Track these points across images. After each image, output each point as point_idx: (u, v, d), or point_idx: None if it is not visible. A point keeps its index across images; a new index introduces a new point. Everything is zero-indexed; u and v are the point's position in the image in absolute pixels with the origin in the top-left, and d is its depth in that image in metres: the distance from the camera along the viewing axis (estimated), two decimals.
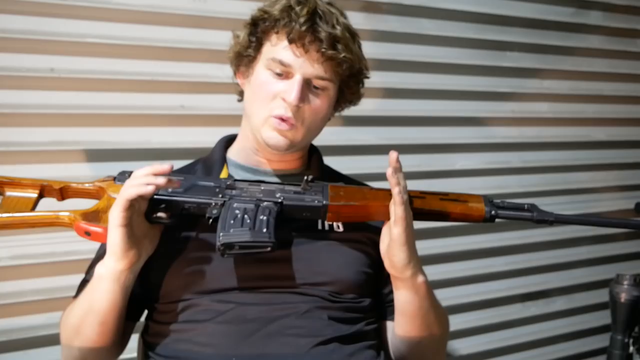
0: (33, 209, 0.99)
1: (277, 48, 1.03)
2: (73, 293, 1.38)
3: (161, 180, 0.93)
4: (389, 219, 0.98)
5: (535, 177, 2.15)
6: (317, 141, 1.20)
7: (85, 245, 1.44)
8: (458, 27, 1.94)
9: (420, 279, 1.00)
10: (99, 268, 0.95)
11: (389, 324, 1.11)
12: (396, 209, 0.94)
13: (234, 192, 1.00)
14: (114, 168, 1.49)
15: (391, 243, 0.96)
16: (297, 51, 1.01)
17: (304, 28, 1.00)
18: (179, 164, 1.22)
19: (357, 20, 1.11)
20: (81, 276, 1.10)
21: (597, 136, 2.28)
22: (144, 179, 0.93)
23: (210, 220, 0.96)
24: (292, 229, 1.03)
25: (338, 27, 1.03)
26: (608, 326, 1.31)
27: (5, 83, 1.40)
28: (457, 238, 2.00)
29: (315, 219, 1.02)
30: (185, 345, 0.98)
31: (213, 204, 0.98)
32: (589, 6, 2.17)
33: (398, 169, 0.96)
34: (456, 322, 2.00)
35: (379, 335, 1.11)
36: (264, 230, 0.94)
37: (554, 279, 2.21)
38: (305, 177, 1.01)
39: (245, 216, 0.95)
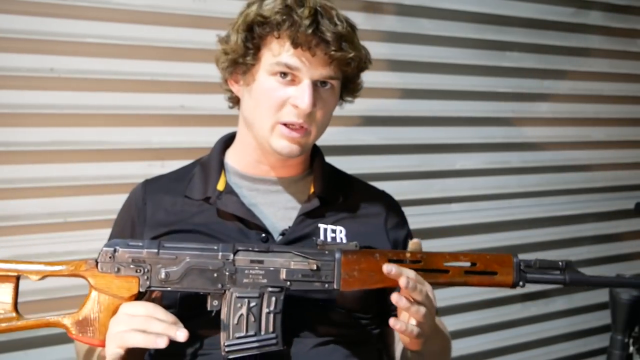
0: (15, 299, 0.91)
1: (281, 54, 0.97)
2: (73, 293, 1.38)
3: (171, 333, 0.86)
4: None
5: (535, 177, 2.15)
6: (318, 141, 1.19)
7: (86, 246, 1.45)
8: (458, 27, 1.94)
9: (433, 347, 0.98)
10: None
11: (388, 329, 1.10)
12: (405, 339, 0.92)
13: (235, 278, 0.91)
14: (114, 168, 1.50)
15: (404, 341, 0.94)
16: (304, 56, 0.96)
17: (309, 31, 0.94)
18: (178, 164, 1.22)
19: (357, 20, 1.10)
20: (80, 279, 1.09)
21: (597, 136, 2.28)
22: (154, 327, 0.86)
23: (212, 313, 0.91)
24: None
25: (339, 24, 0.98)
26: (608, 326, 1.31)
27: (5, 83, 1.39)
28: (457, 238, 2.00)
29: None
30: (187, 349, 0.98)
31: (212, 294, 0.91)
32: (589, 6, 2.17)
33: (414, 288, 0.87)
34: (456, 322, 2.00)
35: (382, 340, 1.10)
36: (271, 331, 0.90)
37: None
38: (315, 243, 0.93)
39: (250, 314, 0.90)
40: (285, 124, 0.99)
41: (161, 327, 0.85)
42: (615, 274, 1.38)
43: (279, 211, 1.07)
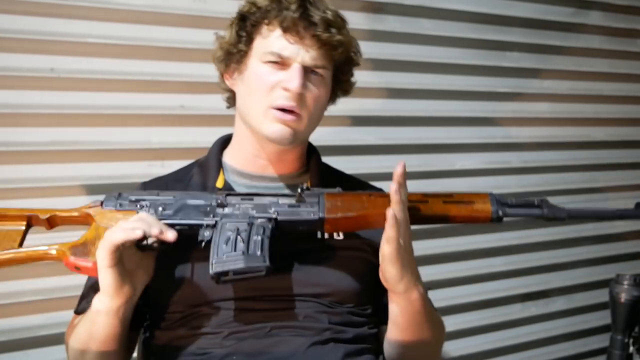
0: (22, 241, 0.96)
1: (271, 39, 1.01)
2: (73, 293, 1.38)
3: (155, 231, 0.89)
4: None
5: (535, 177, 2.15)
6: (317, 141, 1.20)
7: None
8: (458, 27, 1.94)
9: (415, 294, 0.96)
10: (96, 302, 0.93)
11: (384, 327, 1.11)
12: (388, 229, 0.90)
13: (225, 210, 0.96)
14: (114, 168, 1.50)
15: (383, 259, 0.93)
16: (292, 39, 1.00)
17: (297, 14, 0.99)
18: (178, 164, 1.22)
19: (357, 20, 1.11)
20: (81, 276, 1.10)
21: (597, 136, 2.28)
22: (135, 224, 0.89)
23: (203, 243, 0.94)
24: (291, 239, 1.00)
25: (328, 12, 1.02)
26: (608, 326, 1.31)
27: (5, 83, 1.40)
28: (457, 238, 2.00)
29: (312, 231, 0.99)
30: (187, 349, 0.98)
31: (205, 225, 0.95)
32: (589, 6, 2.17)
33: (402, 184, 0.93)
34: (456, 322, 2.00)
35: (378, 340, 1.10)
36: (258, 253, 0.92)
37: (554, 279, 2.20)
38: (300, 187, 0.97)
39: (239, 237, 0.93)
40: (278, 109, 1.01)
41: (146, 224, 0.89)
42: (615, 274, 1.37)
43: None
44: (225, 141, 1.16)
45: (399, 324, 1.01)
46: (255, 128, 1.04)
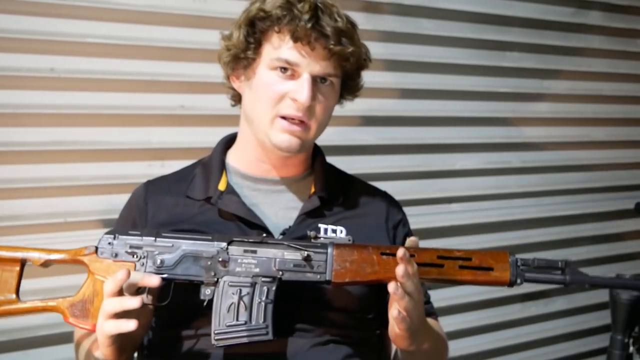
0: (18, 282, 0.94)
1: (282, 48, 0.98)
2: (73, 293, 1.38)
3: (138, 301, 0.85)
4: None
5: (535, 177, 2.15)
6: (318, 141, 1.20)
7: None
8: (458, 27, 1.94)
9: (424, 346, 0.98)
10: (98, 354, 0.93)
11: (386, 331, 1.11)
12: (398, 323, 0.89)
13: (228, 266, 0.92)
14: (114, 168, 1.50)
15: (394, 335, 0.94)
16: (303, 50, 0.97)
17: (309, 25, 0.96)
18: (178, 164, 1.22)
19: (357, 20, 1.10)
20: (79, 276, 1.10)
21: (597, 136, 2.28)
22: (125, 309, 0.85)
23: (204, 302, 0.92)
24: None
25: (340, 20, 1.00)
26: (608, 326, 1.30)
27: (5, 83, 1.40)
28: (457, 238, 2.00)
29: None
30: (187, 348, 0.98)
31: (205, 282, 0.92)
32: (589, 6, 2.17)
33: (407, 275, 0.87)
34: (456, 322, 2.00)
35: (381, 341, 1.10)
36: (261, 322, 0.90)
37: None
38: (308, 235, 0.93)
39: (241, 303, 0.90)
40: (284, 117, 0.99)
41: (132, 301, 0.85)
42: (615, 274, 1.37)
43: (279, 211, 1.07)
44: (229, 141, 1.15)
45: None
46: (262, 135, 1.03)
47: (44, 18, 1.41)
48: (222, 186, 1.06)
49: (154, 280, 0.88)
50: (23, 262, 0.95)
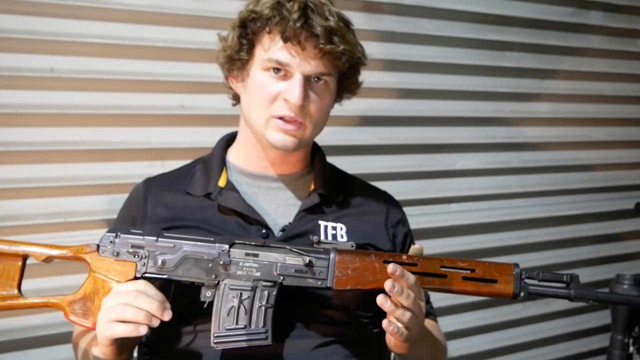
0: (20, 277, 0.95)
1: (272, 48, 0.99)
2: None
3: (155, 323, 0.86)
4: None
5: (535, 177, 2.15)
6: (318, 141, 1.20)
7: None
8: (458, 27, 1.94)
9: (422, 351, 0.99)
10: (96, 351, 0.94)
11: None
12: (393, 336, 0.90)
13: (229, 269, 0.92)
14: (114, 168, 1.50)
15: (391, 346, 0.95)
16: (293, 49, 0.98)
17: (298, 24, 0.96)
18: (178, 164, 1.22)
19: (357, 20, 1.10)
20: (80, 276, 1.10)
21: (597, 136, 2.28)
22: (137, 316, 0.85)
23: (205, 304, 0.92)
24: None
25: (331, 19, 0.99)
26: (608, 326, 1.31)
27: (5, 83, 1.39)
28: (457, 238, 2.00)
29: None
30: (187, 347, 0.98)
31: (206, 284, 0.92)
32: (589, 6, 2.17)
33: (400, 290, 0.87)
34: (456, 322, 2.00)
35: (381, 339, 1.10)
36: (261, 326, 0.91)
37: None
38: (311, 240, 0.94)
39: (241, 307, 0.91)
40: (279, 118, 1.00)
41: (147, 304, 0.86)
42: (616, 274, 1.38)
43: (279, 207, 1.08)
44: (230, 139, 1.16)
45: None
46: (259, 134, 1.04)
47: (44, 18, 1.41)
48: (222, 182, 1.07)
49: (167, 316, 0.87)
50: (25, 257, 0.95)
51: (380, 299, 0.87)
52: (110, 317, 0.86)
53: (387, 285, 0.86)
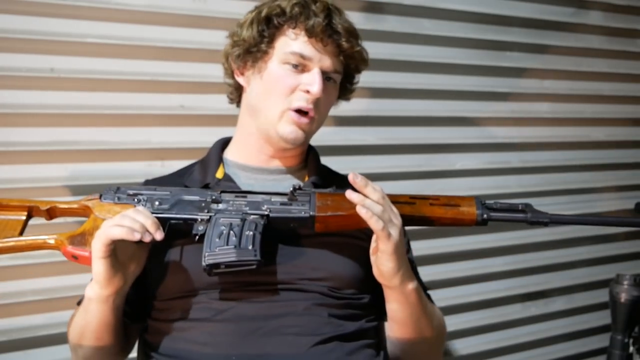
0: (22, 230, 0.99)
1: (297, 42, 1.04)
2: (73, 293, 1.39)
3: (148, 238, 0.91)
4: None
5: (535, 177, 2.15)
6: (317, 141, 1.20)
7: None
8: (458, 27, 1.94)
9: (410, 286, 1.00)
10: (88, 290, 0.96)
11: (386, 323, 1.11)
12: (371, 224, 0.92)
13: (220, 206, 1.00)
14: (114, 168, 1.50)
15: (378, 253, 0.95)
16: (316, 45, 1.04)
17: (325, 23, 1.03)
18: (178, 164, 1.23)
19: (357, 20, 1.12)
20: (81, 276, 1.10)
21: (597, 136, 2.28)
22: (133, 224, 0.90)
23: (197, 237, 0.96)
24: (288, 229, 1.02)
25: (347, 22, 1.08)
26: (608, 326, 1.31)
27: (5, 83, 1.40)
28: (457, 238, 2.00)
29: (304, 228, 1.01)
30: (185, 345, 0.98)
31: (199, 219, 0.98)
32: (589, 6, 2.17)
33: (362, 184, 0.94)
34: (456, 322, 2.00)
35: (379, 334, 1.10)
36: (250, 247, 0.94)
37: (554, 279, 2.20)
38: (292, 187, 1.00)
39: (231, 232, 0.95)
40: (295, 111, 1.05)
41: (144, 219, 0.92)
42: (615, 274, 1.38)
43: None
44: (225, 142, 1.19)
45: (398, 319, 1.04)
46: (269, 127, 1.07)
47: (44, 18, 1.42)
48: (219, 174, 1.11)
49: (159, 236, 0.92)
50: (30, 210, 1.00)
51: (350, 177, 0.93)
52: (108, 223, 0.90)
53: (350, 176, 0.93)
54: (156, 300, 1.04)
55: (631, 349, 1.33)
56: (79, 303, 1.07)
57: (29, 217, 1.01)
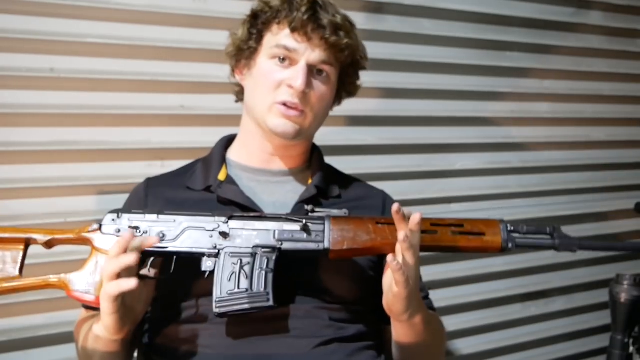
0: (22, 263, 0.96)
1: (280, 36, 1.05)
2: None
3: (133, 284, 0.87)
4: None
5: (535, 177, 2.15)
6: (317, 141, 1.20)
7: (85, 246, 1.45)
8: (458, 27, 1.94)
9: (418, 319, 0.98)
10: (97, 329, 0.95)
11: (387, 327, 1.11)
12: (396, 275, 0.90)
13: (228, 238, 0.95)
14: (114, 168, 1.50)
15: (391, 296, 0.94)
16: (300, 39, 1.04)
17: (306, 16, 1.02)
18: (178, 164, 1.22)
19: (357, 20, 1.11)
20: None
21: (597, 136, 2.28)
22: (122, 269, 0.87)
23: (206, 274, 0.94)
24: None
25: (338, 16, 1.06)
26: (608, 326, 1.31)
27: (5, 83, 1.40)
28: None
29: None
30: (186, 347, 0.98)
31: (207, 254, 0.95)
32: (589, 6, 2.17)
33: (416, 231, 0.92)
34: (456, 322, 2.00)
35: (380, 336, 1.10)
36: (262, 290, 0.92)
37: (554, 279, 2.20)
38: (305, 210, 0.97)
39: (242, 272, 0.93)
40: (282, 104, 1.04)
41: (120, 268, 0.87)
42: (615, 274, 1.37)
43: (278, 200, 1.10)
44: (229, 140, 1.19)
45: (402, 343, 1.03)
46: (261, 121, 1.08)
47: (44, 18, 1.41)
48: (221, 176, 1.10)
49: (153, 239, 0.92)
50: (27, 242, 0.97)
51: (390, 258, 0.88)
52: (105, 278, 0.88)
53: (401, 235, 0.89)
54: (158, 304, 1.03)
55: (631, 349, 1.33)
56: (85, 307, 1.07)
57: (27, 247, 0.98)
